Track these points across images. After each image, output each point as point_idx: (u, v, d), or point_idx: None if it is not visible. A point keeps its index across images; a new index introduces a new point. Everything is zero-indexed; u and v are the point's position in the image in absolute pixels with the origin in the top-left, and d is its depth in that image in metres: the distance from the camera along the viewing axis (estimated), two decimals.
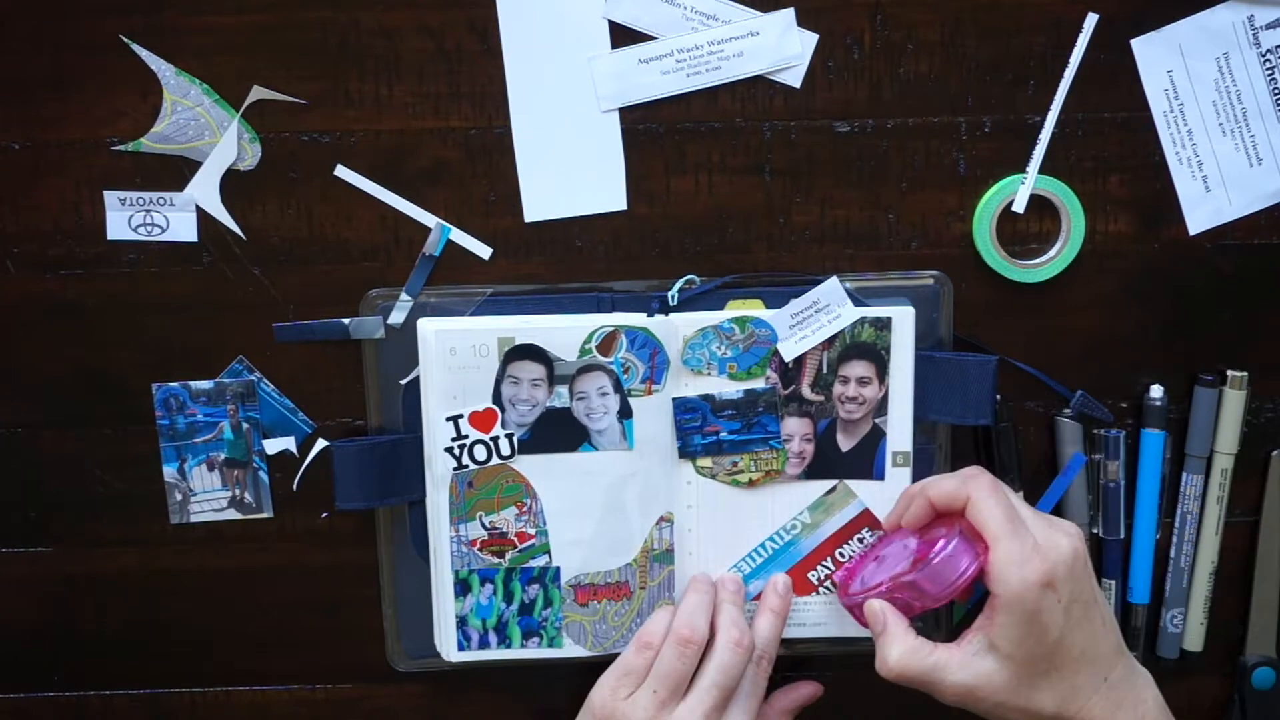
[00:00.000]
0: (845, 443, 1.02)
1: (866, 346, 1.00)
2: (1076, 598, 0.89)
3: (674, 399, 1.00)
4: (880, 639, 0.94)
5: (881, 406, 1.01)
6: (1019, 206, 1.00)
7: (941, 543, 0.92)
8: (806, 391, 1.01)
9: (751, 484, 1.01)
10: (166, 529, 1.05)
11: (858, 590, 0.98)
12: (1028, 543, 0.89)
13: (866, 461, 1.02)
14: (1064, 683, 0.90)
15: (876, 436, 1.01)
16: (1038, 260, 1.01)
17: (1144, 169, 1.01)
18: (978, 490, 0.92)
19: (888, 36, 0.98)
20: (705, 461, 1.01)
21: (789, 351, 0.99)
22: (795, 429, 1.01)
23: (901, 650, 0.93)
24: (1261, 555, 1.06)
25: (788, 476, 1.02)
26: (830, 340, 1.00)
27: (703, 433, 1.00)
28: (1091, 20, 0.98)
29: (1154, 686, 0.93)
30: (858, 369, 1.00)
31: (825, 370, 1.00)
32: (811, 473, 1.02)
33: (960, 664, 0.91)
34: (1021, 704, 0.90)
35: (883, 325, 0.99)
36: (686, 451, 1.01)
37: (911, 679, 0.93)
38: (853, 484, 1.02)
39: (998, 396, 1.01)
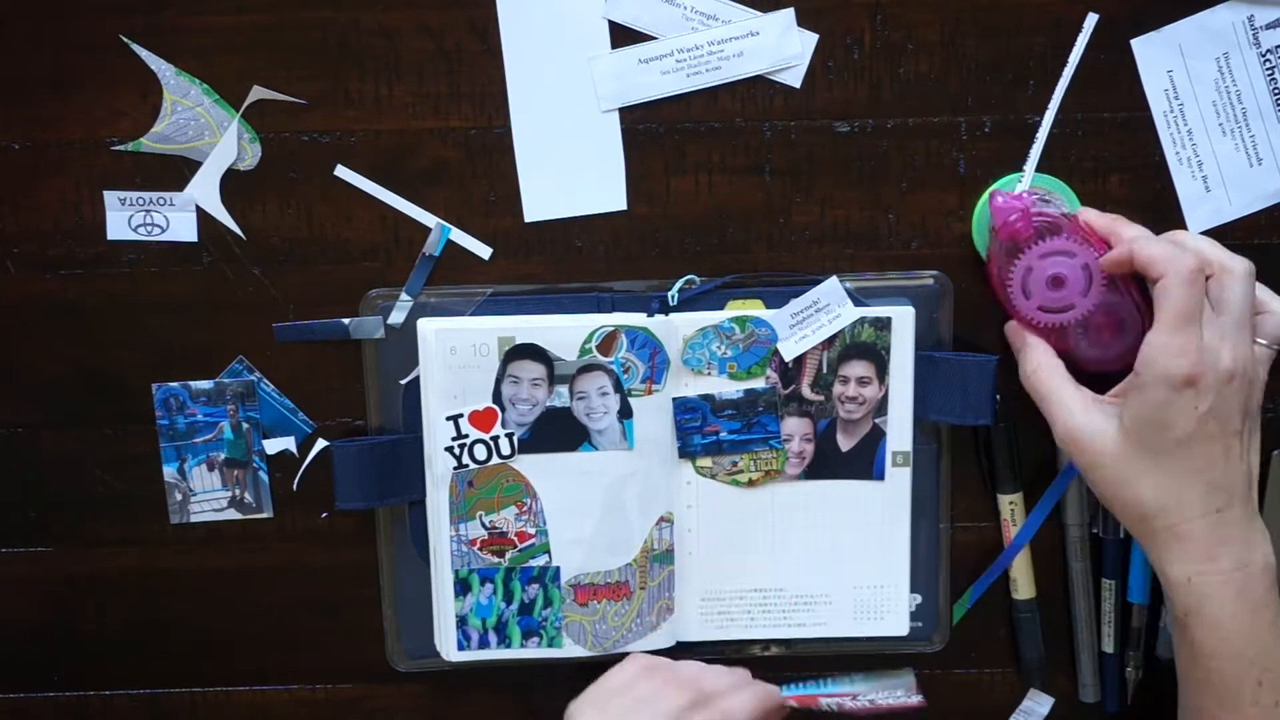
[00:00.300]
0: (845, 442, 1.02)
1: (866, 346, 1.00)
2: (1217, 414, 0.87)
3: (674, 399, 1.00)
4: (1022, 351, 0.96)
5: (881, 406, 1.01)
6: None
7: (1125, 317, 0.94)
8: (806, 391, 1.01)
9: (751, 484, 1.01)
10: (166, 529, 1.05)
11: (1020, 307, 0.96)
12: (1190, 340, 0.87)
13: (866, 461, 1.02)
14: (1172, 485, 0.88)
15: (876, 436, 1.01)
16: None
17: (1144, 169, 1.01)
18: (1174, 274, 0.88)
19: (888, 36, 0.98)
20: (705, 461, 1.01)
21: (789, 351, 0.99)
22: (795, 429, 1.01)
23: (1041, 363, 0.94)
24: None
25: (787, 476, 1.02)
26: (830, 340, 1.00)
27: (703, 432, 1.00)
28: (1091, 20, 0.98)
29: (1269, 549, 0.90)
30: (858, 369, 1.00)
31: (825, 370, 1.00)
32: (811, 472, 1.02)
33: (1085, 408, 0.91)
34: (1123, 479, 0.89)
35: (883, 325, 0.99)
36: (686, 451, 1.01)
37: (1040, 394, 0.94)
38: (852, 484, 1.02)
39: (997, 397, 1.01)
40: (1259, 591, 0.89)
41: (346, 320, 1.01)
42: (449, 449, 0.99)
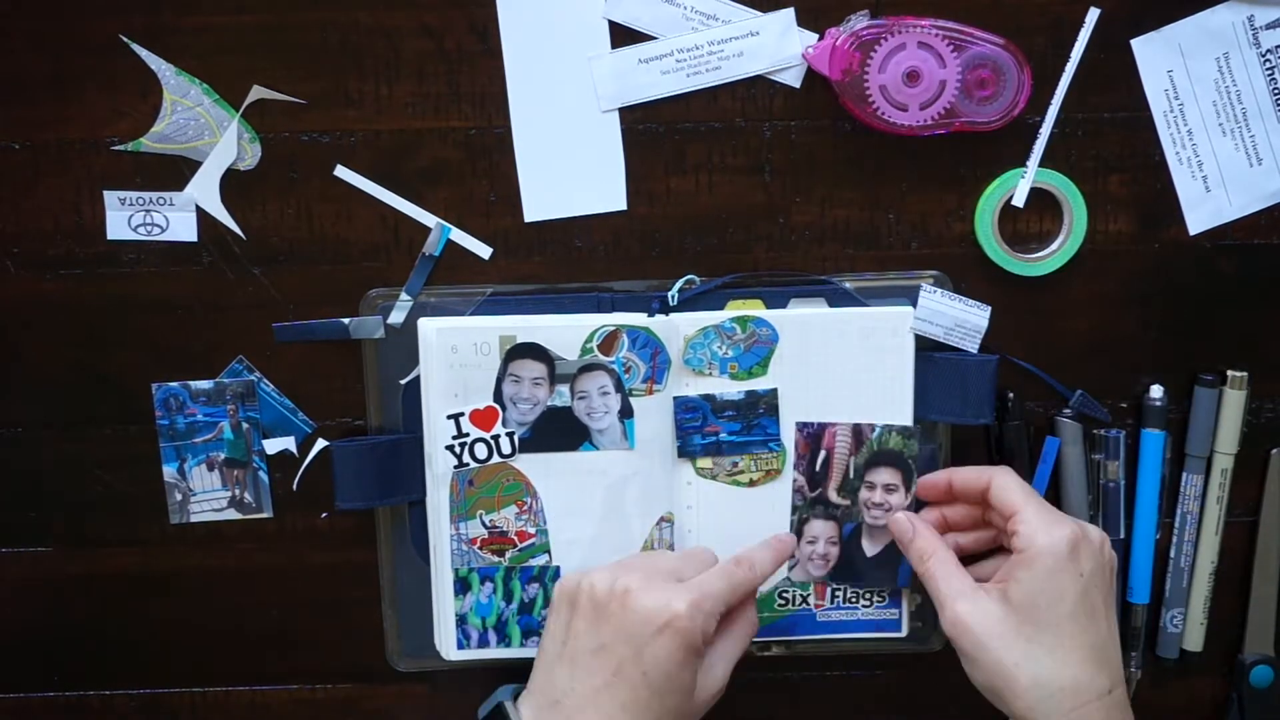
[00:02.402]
0: (870, 548, 1.02)
1: (894, 454, 1.00)
2: (1097, 584, 0.90)
3: (675, 398, 1.00)
4: (911, 541, 0.97)
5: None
6: (1019, 200, 1.00)
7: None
8: (833, 495, 1.01)
9: (752, 484, 1.01)
10: (166, 529, 1.04)
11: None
12: (1057, 513, 0.92)
13: (891, 568, 1.02)
14: (1065, 664, 0.89)
15: None
16: (1040, 254, 1.01)
17: (1144, 169, 1.01)
18: (999, 474, 0.95)
19: None
20: (705, 462, 1.01)
21: None
22: (820, 531, 1.02)
23: (928, 549, 0.95)
24: (1260, 553, 1.06)
25: (811, 576, 1.03)
26: (858, 445, 1.00)
27: (703, 433, 1.00)
28: (1093, 16, 0.98)
29: None
30: (884, 476, 1.01)
31: (852, 475, 1.01)
32: (836, 576, 1.02)
33: (972, 592, 0.92)
34: (1014, 660, 0.89)
35: (909, 434, 1.00)
36: (686, 451, 1.01)
37: (929, 580, 0.94)
38: None
39: (1010, 394, 1.01)
40: None
41: (346, 320, 1.01)
42: (450, 448, 0.99)
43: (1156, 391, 1.03)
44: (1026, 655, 0.89)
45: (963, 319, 1.00)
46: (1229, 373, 1.02)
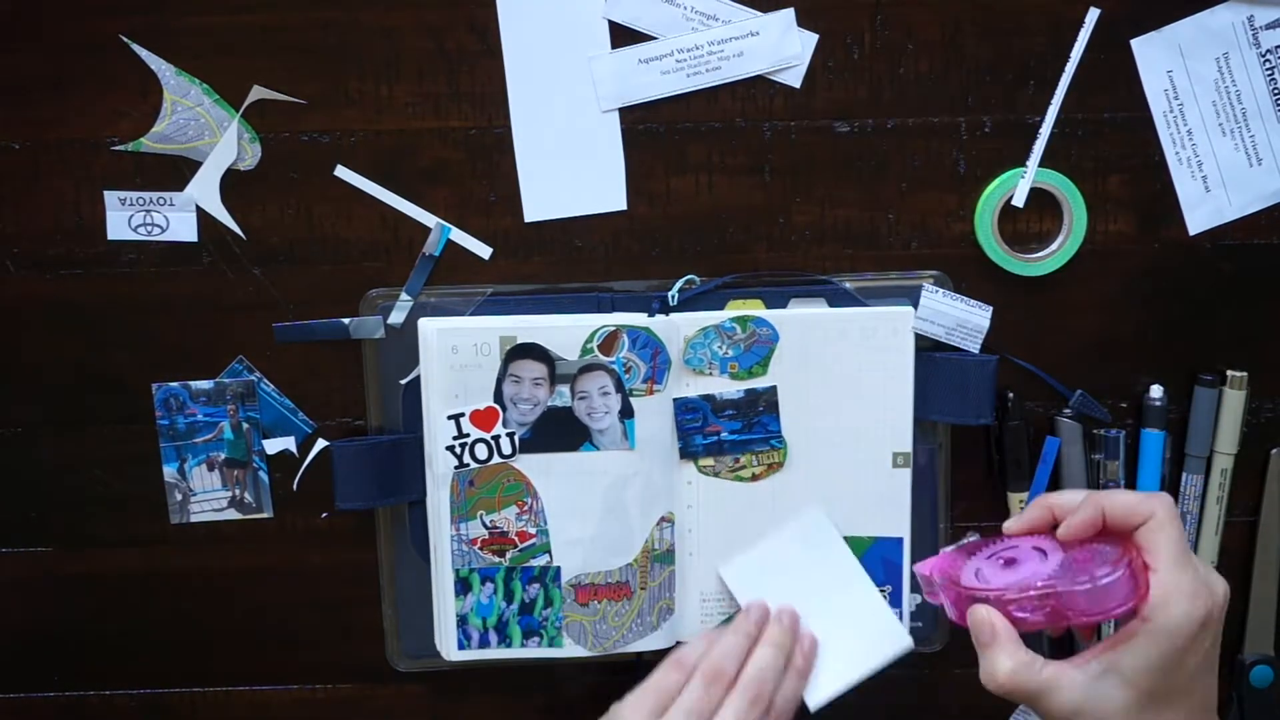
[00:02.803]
0: None
1: None
2: (1216, 648, 0.85)
3: (675, 399, 1.00)
4: (988, 649, 0.86)
5: None
6: (1019, 200, 1.00)
7: (1110, 567, 0.84)
8: None
9: (755, 479, 1.01)
10: (166, 529, 1.04)
11: (978, 586, 0.89)
12: (1198, 576, 0.83)
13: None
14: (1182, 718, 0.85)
15: None
16: (1040, 254, 1.01)
17: (1144, 169, 1.01)
18: (1164, 509, 0.85)
19: (888, 36, 0.98)
20: (707, 460, 1.01)
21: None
22: None
23: (1014, 664, 0.85)
24: (1260, 553, 1.06)
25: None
26: None
27: (704, 433, 1.01)
28: (1093, 15, 0.98)
29: None
30: None
31: None
32: None
33: (1074, 682, 0.84)
34: None
35: None
36: (688, 452, 1.01)
37: (1019, 694, 0.86)
38: (853, 482, 1.02)
39: (1010, 394, 1.01)
40: None
41: (346, 320, 1.01)
42: (450, 448, 0.99)
43: (1156, 391, 1.03)
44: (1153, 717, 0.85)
45: (964, 319, 1.00)
46: (1229, 373, 1.03)
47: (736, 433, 1.01)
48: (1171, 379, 1.03)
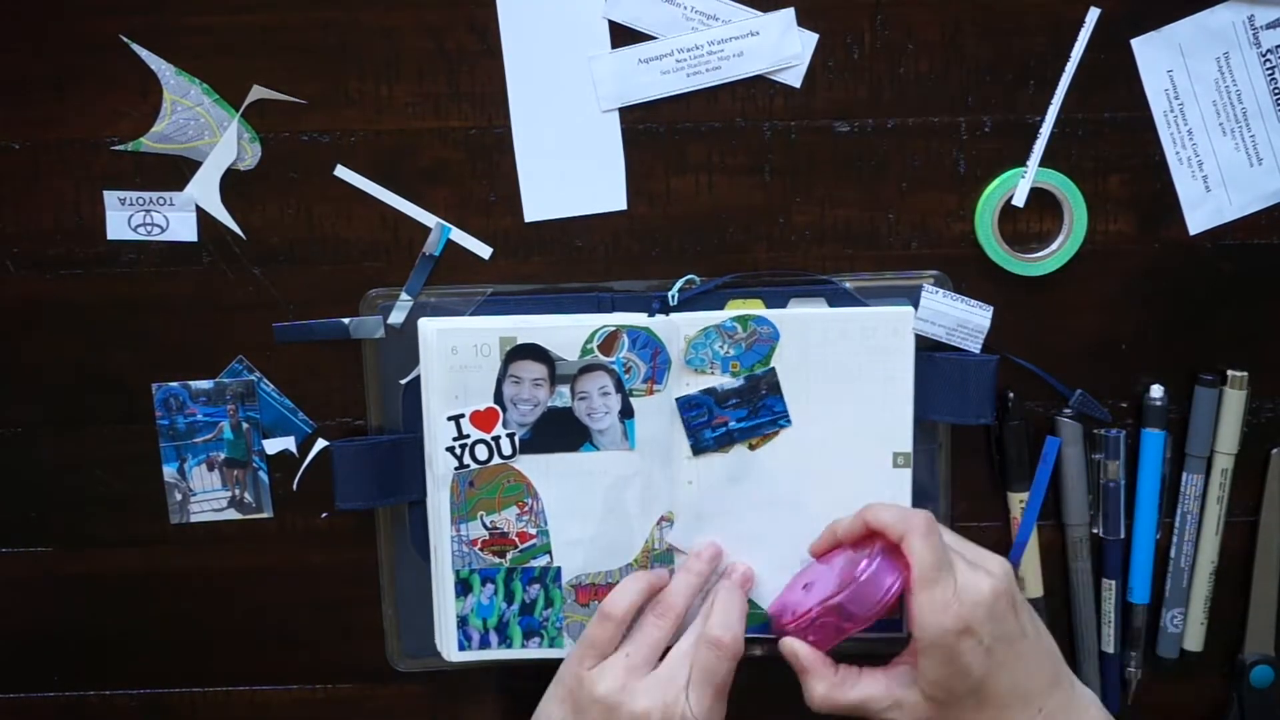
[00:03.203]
0: None
1: None
2: (1000, 637, 0.90)
3: (677, 399, 1.00)
4: (802, 677, 0.95)
5: None
6: (1019, 200, 1.00)
7: (864, 563, 0.93)
8: None
9: (752, 448, 1.01)
10: (166, 529, 1.04)
11: (788, 620, 0.97)
12: (949, 589, 0.89)
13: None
14: (990, 717, 0.90)
15: None
16: (1040, 254, 1.01)
17: (1144, 169, 1.01)
18: (912, 532, 0.91)
19: (888, 36, 0.98)
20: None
21: None
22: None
23: (826, 685, 0.94)
24: (1260, 553, 1.06)
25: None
26: None
27: (711, 426, 1.00)
28: (1093, 15, 0.98)
29: (1098, 708, 0.94)
30: None
31: None
32: None
33: (886, 692, 0.92)
34: None
35: None
36: (699, 448, 1.01)
37: (841, 710, 0.94)
38: (853, 480, 1.02)
39: (1010, 394, 1.01)
40: None
41: (346, 320, 1.01)
42: (450, 449, 0.99)
43: (1156, 391, 1.03)
44: None
45: (965, 319, 1.00)
46: (1229, 373, 1.02)
47: (744, 419, 1.01)
48: (1171, 379, 1.03)
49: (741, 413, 1.01)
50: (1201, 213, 1.01)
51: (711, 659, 0.94)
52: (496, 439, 0.99)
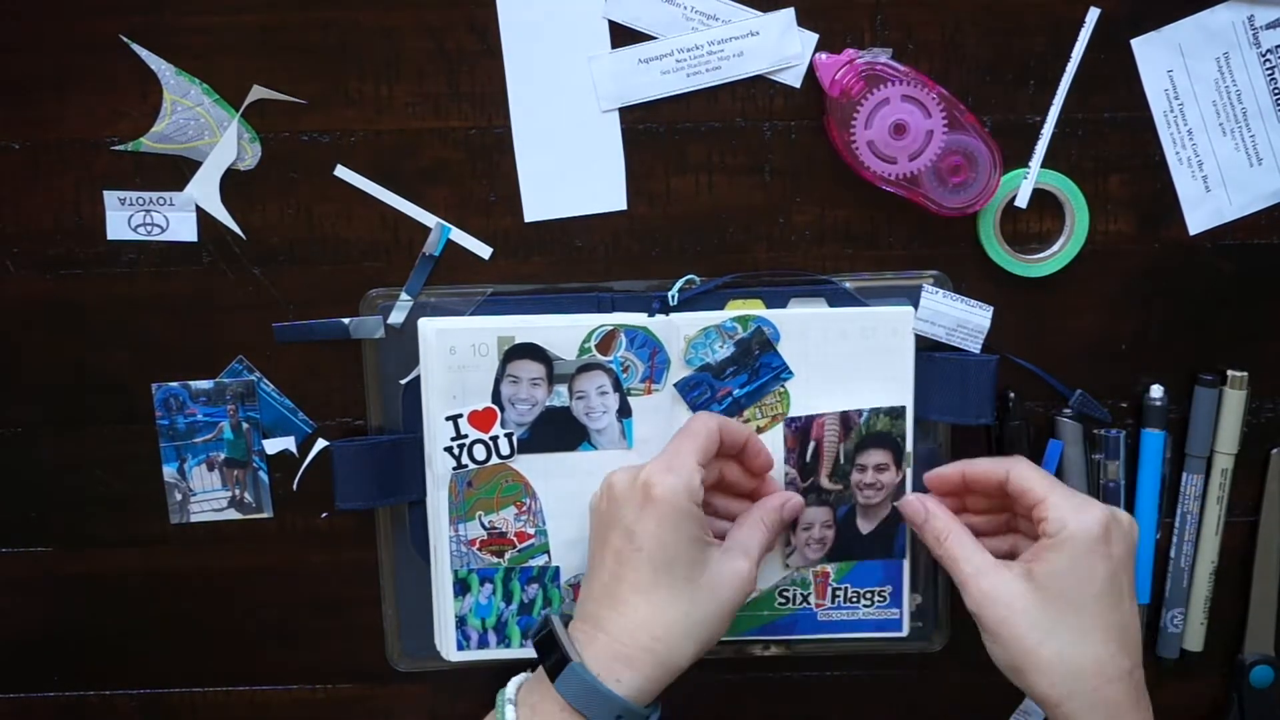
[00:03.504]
0: (865, 526, 1.02)
1: (883, 435, 1.01)
2: (1125, 567, 0.90)
3: (676, 383, 0.99)
4: (925, 522, 0.96)
5: (899, 490, 1.01)
6: (1021, 200, 1.00)
7: None
8: (825, 482, 1.01)
9: (760, 431, 1.01)
10: (166, 529, 1.04)
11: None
12: (1083, 497, 0.91)
13: (887, 542, 1.02)
14: (1088, 643, 0.89)
15: (896, 518, 1.01)
16: (1042, 254, 1.01)
17: (1144, 169, 1.01)
18: (1017, 464, 0.94)
19: (888, 36, 0.98)
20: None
21: None
22: (816, 517, 1.02)
23: (947, 529, 0.95)
24: (1260, 553, 1.06)
25: (808, 560, 1.03)
26: (846, 431, 1.00)
27: (716, 399, 1.00)
28: (1093, 15, 0.98)
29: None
30: (875, 457, 1.01)
31: (843, 461, 1.01)
32: (833, 556, 1.02)
33: (995, 568, 0.91)
34: (1038, 638, 0.89)
35: (897, 414, 1.00)
36: None
37: (950, 558, 0.94)
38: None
39: (1011, 394, 1.01)
40: None
41: (346, 320, 1.01)
42: (448, 449, 0.99)
43: (1156, 391, 1.03)
44: (1051, 634, 0.89)
45: (965, 319, 1.00)
46: (1229, 373, 1.02)
47: (746, 384, 1.00)
48: (1171, 379, 1.03)
49: (742, 378, 1.00)
50: (1201, 213, 1.01)
51: None
52: (495, 439, 0.99)
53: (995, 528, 0.99)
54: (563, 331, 0.98)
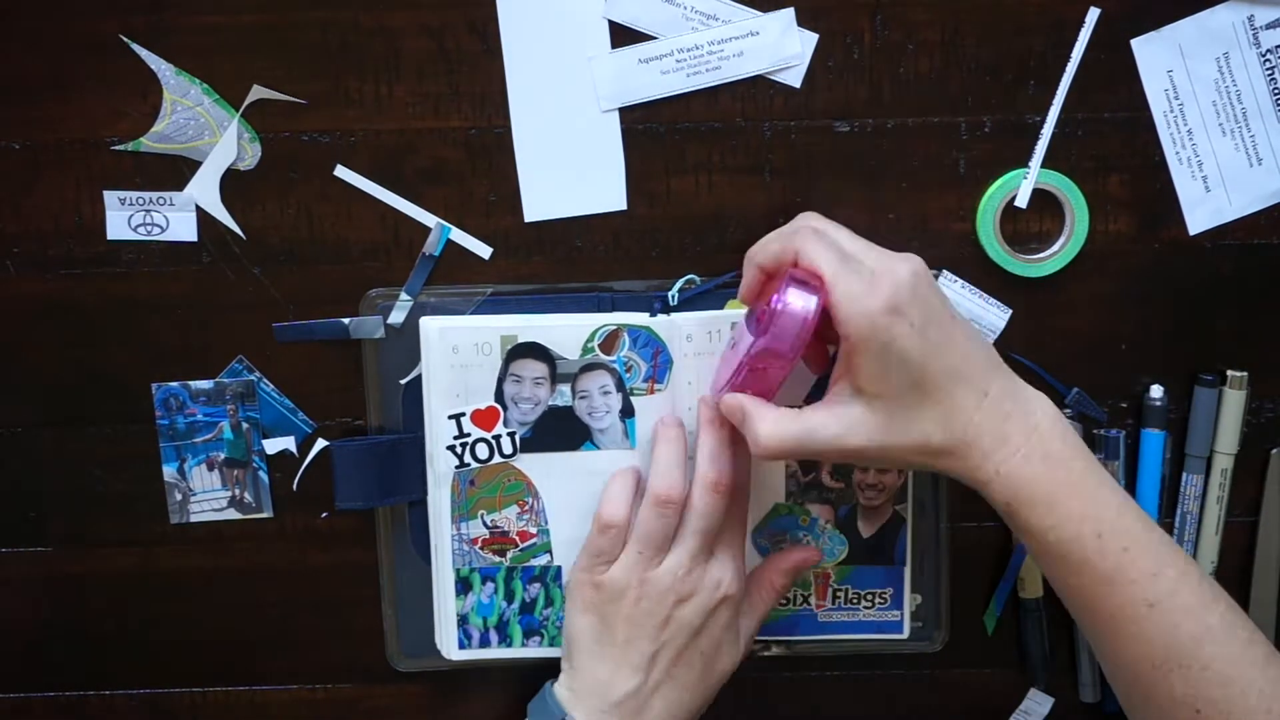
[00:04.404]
0: (866, 529, 1.02)
1: None
2: (930, 319, 0.84)
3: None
4: (745, 426, 0.89)
5: (901, 493, 1.01)
6: (1022, 200, 1.00)
7: (774, 296, 0.86)
8: (826, 479, 1.01)
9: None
10: (166, 529, 1.04)
11: (721, 386, 0.93)
12: (864, 275, 0.84)
13: (888, 547, 1.02)
14: (939, 406, 0.85)
15: (897, 523, 1.01)
16: (1041, 254, 1.01)
17: (1144, 169, 1.01)
18: (803, 240, 0.87)
19: (888, 36, 0.98)
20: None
21: None
22: (817, 515, 1.02)
23: (769, 424, 0.88)
24: (1260, 554, 1.06)
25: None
26: None
27: None
28: (1093, 15, 0.98)
29: (1049, 406, 0.88)
30: None
31: None
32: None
33: (830, 416, 0.86)
34: (904, 441, 0.85)
35: None
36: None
37: (789, 449, 0.88)
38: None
39: None
40: (1056, 445, 0.86)
41: (346, 320, 1.01)
42: (451, 448, 0.99)
43: (1156, 391, 1.03)
44: (903, 422, 0.85)
45: (979, 315, 1.00)
46: (1229, 373, 1.02)
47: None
48: (1171, 379, 1.03)
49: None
50: (1201, 213, 1.01)
51: (658, 520, 0.94)
52: (497, 438, 0.99)
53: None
54: (566, 331, 0.98)
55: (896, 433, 0.86)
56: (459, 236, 1.00)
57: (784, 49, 0.98)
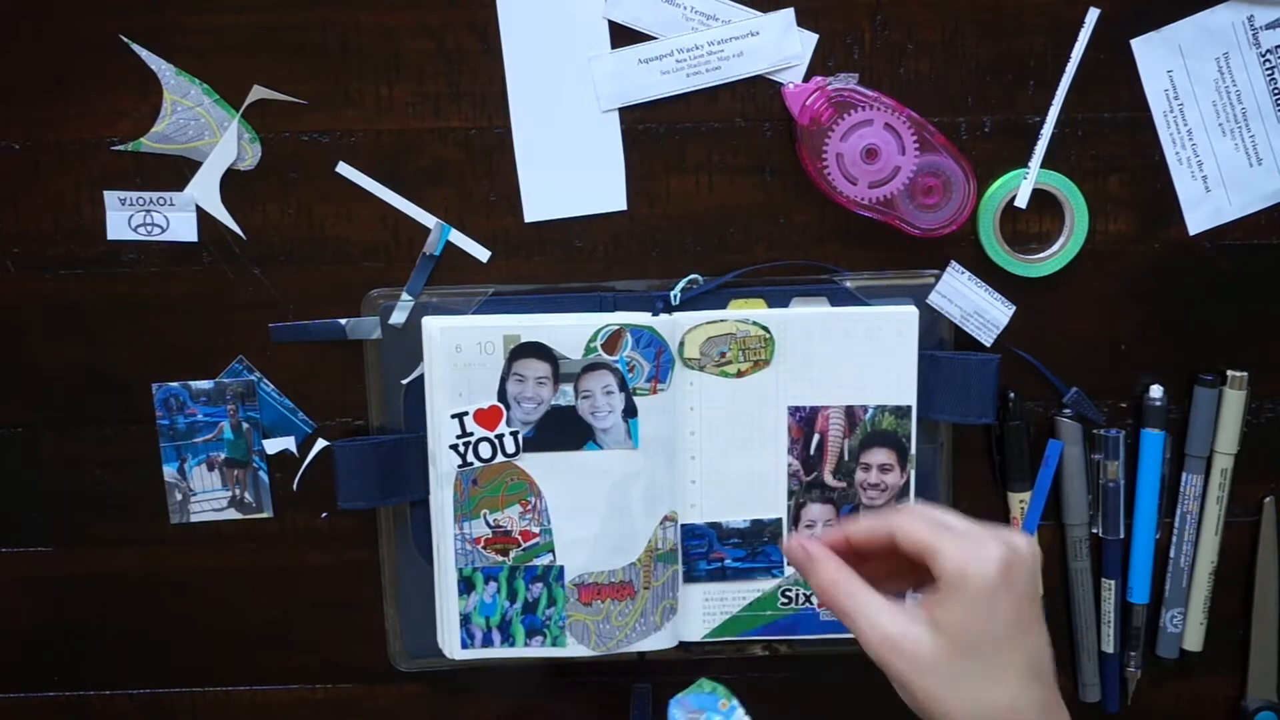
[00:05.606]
0: None
1: (888, 434, 1.01)
2: (1028, 599, 0.83)
3: (682, 525, 1.01)
4: (809, 565, 0.86)
5: (903, 492, 1.01)
6: (1021, 201, 1.00)
7: None
8: (829, 478, 1.02)
9: (740, 374, 1.00)
10: (166, 529, 1.04)
11: None
12: (977, 535, 0.83)
13: None
14: (998, 682, 0.83)
15: None
16: (1041, 254, 1.01)
17: (1144, 169, 1.01)
18: (900, 517, 0.84)
19: (888, 36, 0.99)
20: (693, 353, 1.00)
21: None
22: (819, 515, 1.02)
23: (834, 577, 0.85)
24: (1258, 601, 1.07)
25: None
26: (851, 427, 1.01)
27: (708, 559, 1.02)
28: (1093, 15, 0.98)
29: None
30: (879, 456, 1.01)
31: (847, 457, 1.01)
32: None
33: (895, 614, 0.84)
34: (947, 684, 0.83)
35: (903, 414, 1.00)
36: (691, 577, 1.03)
37: (843, 608, 0.85)
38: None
39: (1011, 394, 1.01)
40: None
41: (344, 321, 1.01)
42: (454, 447, 0.99)
43: (1156, 391, 1.03)
44: (960, 681, 0.83)
45: (983, 308, 1.01)
46: (1229, 373, 1.03)
47: (741, 560, 1.02)
48: (1171, 379, 1.03)
49: (740, 553, 1.02)
50: (1201, 213, 1.01)
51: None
52: (500, 437, 0.99)
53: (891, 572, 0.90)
54: (568, 330, 0.98)
55: (940, 677, 0.83)
56: (459, 237, 1.00)
57: (784, 49, 0.98)
